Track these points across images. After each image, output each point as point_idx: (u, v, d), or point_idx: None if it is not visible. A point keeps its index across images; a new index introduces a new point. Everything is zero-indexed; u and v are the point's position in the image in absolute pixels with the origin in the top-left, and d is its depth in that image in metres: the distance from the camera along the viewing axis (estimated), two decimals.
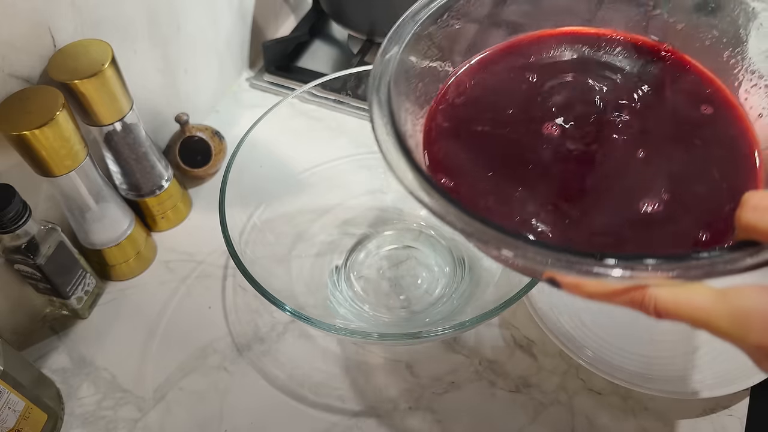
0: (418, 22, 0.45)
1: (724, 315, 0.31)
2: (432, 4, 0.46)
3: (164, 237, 0.71)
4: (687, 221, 0.38)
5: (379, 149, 0.38)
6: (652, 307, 0.32)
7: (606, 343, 0.60)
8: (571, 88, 0.46)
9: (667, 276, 0.30)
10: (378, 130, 0.39)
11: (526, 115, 0.44)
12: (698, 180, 0.40)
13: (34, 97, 0.53)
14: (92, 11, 0.59)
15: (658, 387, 0.54)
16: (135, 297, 0.66)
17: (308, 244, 0.68)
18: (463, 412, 0.58)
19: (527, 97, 0.46)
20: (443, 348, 0.62)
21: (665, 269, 0.30)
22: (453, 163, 0.43)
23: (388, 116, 0.40)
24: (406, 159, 0.37)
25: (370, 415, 0.58)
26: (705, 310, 0.31)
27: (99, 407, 0.59)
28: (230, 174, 0.58)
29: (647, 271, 0.30)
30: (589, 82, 0.46)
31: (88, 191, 0.60)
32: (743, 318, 0.30)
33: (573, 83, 0.46)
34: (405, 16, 0.45)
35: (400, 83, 0.43)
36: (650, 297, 0.32)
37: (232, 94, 0.86)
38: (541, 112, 0.44)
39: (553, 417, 0.57)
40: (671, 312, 0.32)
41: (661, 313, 0.32)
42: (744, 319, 0.30)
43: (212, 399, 0.59)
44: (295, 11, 0.97)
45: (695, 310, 0.31)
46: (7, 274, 0.59)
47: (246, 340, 0.63)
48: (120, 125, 0.61)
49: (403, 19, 0.45)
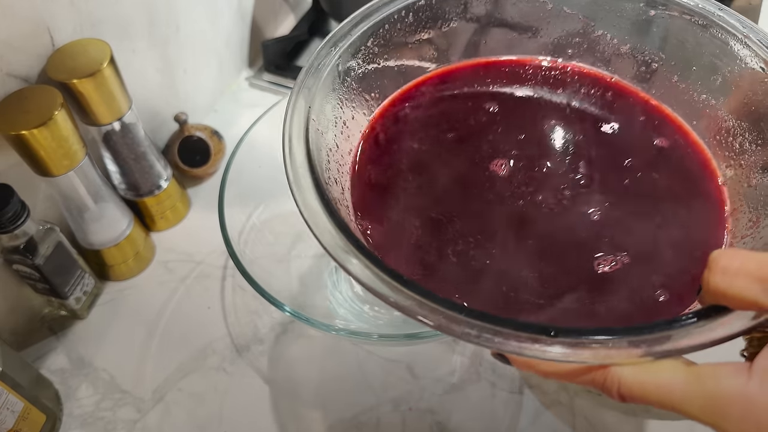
0: (336, 54, 0.41)
1: (696, 400, 0.27)
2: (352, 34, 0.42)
3: (163, 237, 0.71)
4: (649, 280, 0.34)
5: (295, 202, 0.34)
6: (615, 390, 0.28)
7: None
8: (521, 127, 0.42)
9: (630, 354, 0.27)
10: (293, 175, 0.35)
11: (469, 149, 0.41)
12: (660, 234, 0.37)
13: (33, 96, 0.53)
14: (91, 11, 0.59)
15: None
16: (134, 297, 0.66)
17: (307, 244, 0.67)
18: (463, 413, 0.57)
19: (472, 134, 0.42)
20: (443, 349, 0.61)
21: (627, 345, 0.27)
22: (385, 214, 0.38)
23: (306, 157, 0.36)
24: (329, 214, 0.33)
25: (370, 416, 0.57)
26: (675, 393, 0.28)
27: (98, 408, 0.59)
28: (229, 174, 0.58)
29: (607, 348, 0.27)
30: (544, 116, 0.42)
31: (86, 191, 0.59)
32: (719, 405, 0.27)
33: (524, 121, 0.42)
34: (320, 48, 0.42)
35: (321, 121, 0.38)
36: (613, 378, 0.28)
37: (231, 94, 0.86)
38: (488, 146, 0.40)
39: (554, 418, 0.57)
40: (637, 396, 0.28)
41: (626, 397, 0.29)
42: (720, 405, 0.27)
43: (211, 400, 0.59)
44: (294, 10, 0.96)
45: (664, 393, 0.28)
46: (6, 274, 0.59)
47: (245, 340, 0.63)
48: (119, 125, 0.61)
49: (319, 51, 0.42)
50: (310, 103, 0.38)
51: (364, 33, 0.42)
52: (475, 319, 0.27)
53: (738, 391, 0.26)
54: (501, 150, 0.40)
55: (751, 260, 0.26)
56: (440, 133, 0.42)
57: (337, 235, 0.32)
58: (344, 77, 0.42)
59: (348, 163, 0.41)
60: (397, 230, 0.37)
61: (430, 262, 0.36)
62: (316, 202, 0.33)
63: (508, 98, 0.44)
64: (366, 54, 0.43)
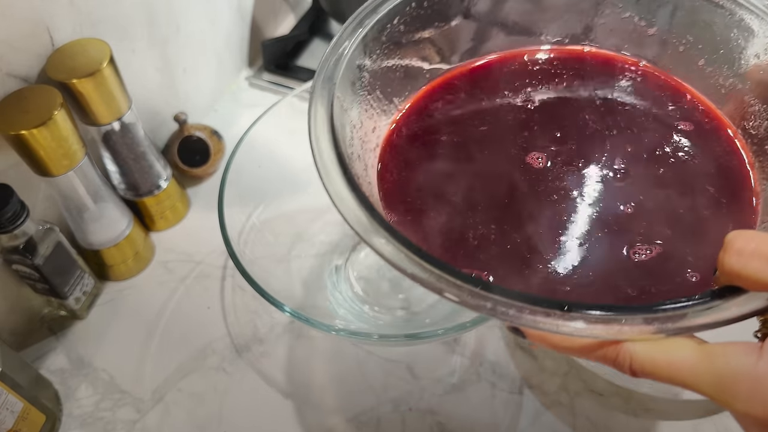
0: (358, 37, 0.41)
1: (707, 377, 0.28)
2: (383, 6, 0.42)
3: (163, 237, 0.71)
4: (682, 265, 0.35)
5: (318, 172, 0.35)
6: (627, 365, 0.29)
7: None
8: (559, 119, 0.42)
9: (642, 330, 0.27)
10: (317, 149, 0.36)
11: (507, 143, 0.41)
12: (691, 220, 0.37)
13: (32, 96, 0.53)
14: (90, 10, 0.59)
15: (660, 388, 0.54)
16: (133, 297, 0.66)
17: (307, 244, 0.67)
18: (463, 414, 0.57)
19: (506, 124, 0.42)
20: (444, 349, 0.61)
21: (640, 322, 0.27)
22: (410, 193, 0.39)
23: (330, 132, 0.37)
24: (351, 188, 0.33)
25: (370, 417, 0.57)
26: (686, 370, 0.28)
27: (97, 408, 0.59)
28: (229, 174, 0.58)
29: (620, 324, 0.27)
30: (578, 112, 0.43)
31: (86, 191, 0.59)
32: (728, 383, 0.27)
33: (562, 113, 0.43)
34: (345, 26, 0.42)
35: (345, 98, 0.39)
36: (625, 354, 0.29)
37: (231, 94, 0.86)
38: (524, 141, 0.40)
39: (555, 418, 0.57)
40: (648, 371, 0.29)
41: (637, 372, 0.29)
42: (729, 383, 0.27)
43: (211, 400, 0.59)
44: (294, 10, 0.96)
45: (675, 370, 0.28)
46: (5, 274, 0.59)
47: (245, 340, 0.62)
48: (118, 125, 0.60)
49: (343, 31, 0.41)
50: (336, 80, 0.39)
51: (390, 11, 0.42)
52: (491, 293, 0.28)
53: (747, 370, 0.27)
54: (533, 140, 0.41)
55: (766, 243, 0.27)
56: (471, 121, 0.43)
57: (359, 210, 0.32)
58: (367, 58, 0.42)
59: (372, 141, 0.41)
60: (422, 210, 0.38)
61: (455, 242, 0.37)
62: (339, 176, 0.34)
63: (543, 92, 0.44)
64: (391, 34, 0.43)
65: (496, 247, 0.36)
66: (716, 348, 0.28)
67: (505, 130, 0.42)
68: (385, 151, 0.41)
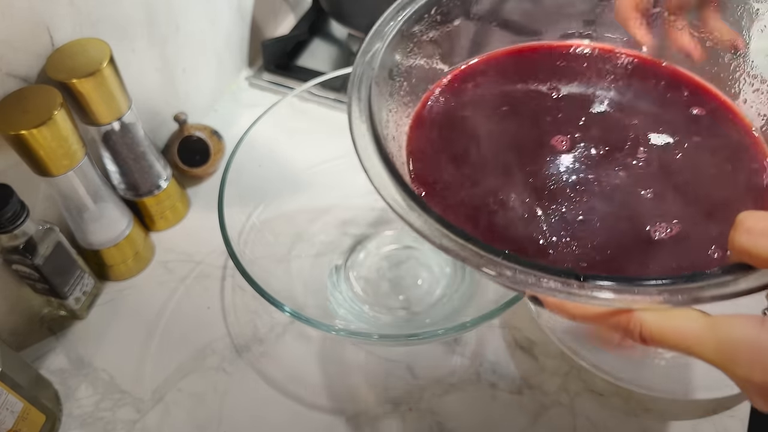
0: (401, 20, 0.43)
1: (710, 345, 0.30)
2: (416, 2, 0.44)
3: (162, 237, 0.71)
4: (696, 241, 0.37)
5: (356, 152, 0.38)
6: (637, 332, 0.31)
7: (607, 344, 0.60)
8: (582, 105, 0.45)
9: (653, 300, 0.29)
10: (356, 131, 0.39)
11: (531, 127, 0.43)
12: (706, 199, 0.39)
13: (32, 96, 0.53)
14: (90, 10, 0.59)
15: (660, 388, 0.54)
16: (133, 297, 0.66)
17: (308, 244, 0.67)
18: (463, 414, 0.57)
19: (533, 109, 0.44)
20: (444, 349, 0.61)
21: (651, 293, 0.29)
22: (439, 169, 0.42)
23: (368, 116, 0.39)
24: (386, 165, 0.36)
25: (370, 417, 0.57)
26: (691, 338, 0.30)
27: (97, 408, 0.59)
28: (229, 174, 0.58)
29: (633, 294, 0.29)
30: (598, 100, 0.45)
31: (86, 191, 0.59)
32: (730, 350, 0.29)
33: (585, 102, 0.45)
34: (388, 12, 0.44)
35: (382, 83, 0.42)
36: (636, 322, 0.31)
37: (231, 94, 0.86)
38: (549, 125, 0.43)
39: (555, 418, 0.57)
40: (656, 338, 0.31)
41: (647, 339, 0.31)
42: (731, 351, 0.29)
43: (211, 400, 0.59)
44: (294, 10, 0.96)
45: (682, 338, 0.31)
46: (5, 274, 0.59)
47: (245, 340, 0.63)
48: (118, 125, 0.61)
49: (386, 16, 0.44)
50: (374, 65, 0.41)
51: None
52: (512, 262, 0.31)
53: (750, 339, 0.29)
54: (557, 125, 0.43)
55: None
56: (496, 105, 0.45)
57: (393, 187, 0.35)
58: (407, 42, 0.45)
59: (404, 123, 0.44)
60: (448, 185, 0.41)
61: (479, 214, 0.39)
62: (375, 155, 0.37)
63: (566, 79, 0.46)
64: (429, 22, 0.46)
65: (520, 221, 0.38)
66: (722, 319, 0.30)
67: (531, 114, 0.44)
68: (415, 131, 0.44)
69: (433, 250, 0.65)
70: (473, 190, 0.40)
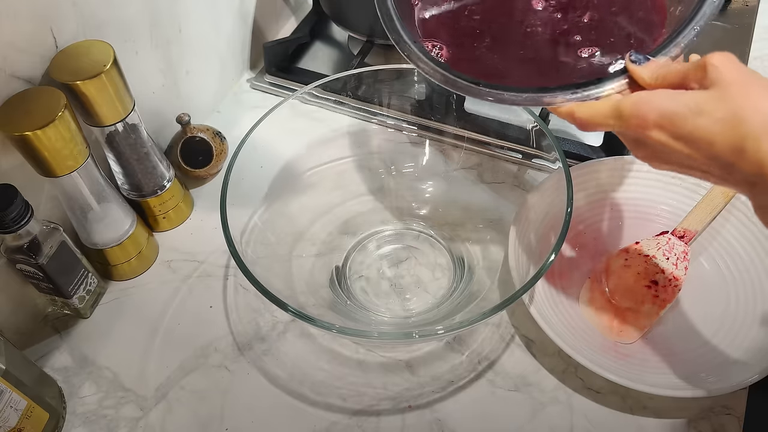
0: None
1: (606, 111, 0.44)
2: None
3: (166, 237, 0.72)
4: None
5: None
6: (571, 118, 0.47)
7: (605, 342, 0.60)
8: None
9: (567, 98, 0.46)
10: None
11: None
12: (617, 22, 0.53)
13: (36, 97, 0.54)
14: (94, 12, 0.60)
15: (657, 386, 0.54)
16: (137, 296, 0.67)
17: (309, 244, 0.68)
18: (463, 412, 0.58)
19: None
20: (443, 347, 0.62)
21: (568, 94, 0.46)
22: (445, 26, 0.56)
23: None
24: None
25: (370, 414, 0.58)
26: (598, 112, 0.45)
27: (100, 406, 0.59)
28: (231, 174, 0.58)
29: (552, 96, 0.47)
30: None
31: (89, 191, 0.60)
32: (610, 112, 0.44)
33: None
34: None
35: None
36: (569, 110, 0.46)
37: (233, 95, 0.87)
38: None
39: (552, 416, 0.57)
40: (581, 118, 0.46)
41: (576, 120, 0.46)
42: (611, 112, 0.44)
43: (213, 398, 0.59)
44: (295, 12, 0.97)
45: (594, 113, 0.45)
46: (10, 273, 0.59)
47: (247, 339, 0.63)
48: (122, 126, 0.61)
49: None
50: None
51: None
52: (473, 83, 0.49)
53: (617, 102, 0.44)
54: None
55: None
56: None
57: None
58: None
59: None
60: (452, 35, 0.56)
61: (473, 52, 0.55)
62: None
63: None
64: None
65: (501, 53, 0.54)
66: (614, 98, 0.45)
67: None
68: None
69: (433, 248, 0.66)
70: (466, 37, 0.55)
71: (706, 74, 0.40)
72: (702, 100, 0.40)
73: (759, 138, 0.38)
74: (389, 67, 0.68)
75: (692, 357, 0.58)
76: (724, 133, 0.39)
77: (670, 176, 0.67)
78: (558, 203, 0.57)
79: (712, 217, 0.64)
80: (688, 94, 0.40)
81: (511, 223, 0.62)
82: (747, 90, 0.39)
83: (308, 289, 0.63)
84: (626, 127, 0.43)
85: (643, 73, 0.44)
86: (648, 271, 0.64)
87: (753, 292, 0.61)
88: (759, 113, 0.38)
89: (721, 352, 0.58)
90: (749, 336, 0.58)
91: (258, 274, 0.53)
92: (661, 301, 0.62)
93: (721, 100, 0.39)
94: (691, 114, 0.40)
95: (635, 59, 0.45)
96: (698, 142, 0.40)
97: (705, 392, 0.53)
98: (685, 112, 0.40)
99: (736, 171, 0.40)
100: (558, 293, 0.63)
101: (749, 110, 0.38)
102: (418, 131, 0.76)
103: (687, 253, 0.63)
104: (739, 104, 0.38)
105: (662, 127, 0.41)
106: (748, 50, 0.85)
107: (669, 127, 0.41)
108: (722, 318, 0.61)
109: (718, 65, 0.40)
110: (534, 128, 0.64)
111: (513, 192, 0.67)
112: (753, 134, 0.38)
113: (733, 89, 0.39)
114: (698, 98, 0.40)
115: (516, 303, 0.52)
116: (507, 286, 0.60)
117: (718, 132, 0.39)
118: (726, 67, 0.40)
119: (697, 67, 0.41)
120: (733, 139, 0.39)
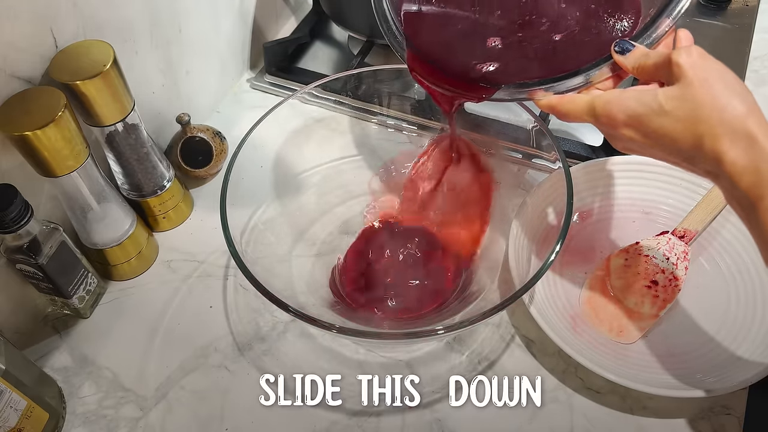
0: None
1: (583, 105, 0.47)
2: None
3: (166, 237, 0.72)
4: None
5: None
6: (551, 109, 0.50)
7: (605, 342, 0.60)
8: None
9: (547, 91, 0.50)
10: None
11: None
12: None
13: (36, 97, 0.54)
14: (94, 12, 0.60)
15: (657, 385, 0.54)
16: (136, 296, 0.67)
17: (308, 243, 0.68)
18: (462, 412, 0.58)
19: None
20: (443, 347, 0.62)
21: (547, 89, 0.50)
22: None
23: None
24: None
25: (370, 414, 0.58)
26: (576, 105, 0.48)
27: (100, 406, 0.59)
28: (231, 174, 0.58)
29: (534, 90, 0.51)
30: None
31: (89, 191, 0.60)
32: (587, 106, 0.47)
33: None
34: None
35: None
36: (549, 103, 0.50)
37: (233, 95, 0.87)
38: None
39: (552, 416, 0.57)
40: (560, 110, 0.49)
41: (557, 113, 0.49)
42: (588, 106, 0.47)
43: (213, 398, 0.59)
44: (295, 12, 0.97)
45: (573, 106, 0.48)
46: (9, 273, 0.59)
47: (247, 339, 0.63)
48: (122, 126, 0.61)
49: None
50: None
51: None
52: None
53: (592, 98, 0.47)
54: None
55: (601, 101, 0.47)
56: None
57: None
58: None
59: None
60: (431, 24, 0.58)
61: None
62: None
63: None
64: None
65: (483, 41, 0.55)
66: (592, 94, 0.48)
67: None
68: None
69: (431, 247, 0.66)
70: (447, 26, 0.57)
71: (671, 71, 0.43)
72: (664, 100, 0.43)
73: (715, 136, 0.41)
74: (389, 67, 0.68)
75: (692, 357, 0.58)
76: (685, 131, 0.42)
77: (670, 176, 0.67)
78: (558, 203, 0.57)
79: (713, 217, 0.64)
80: (653, 95, 0.43)
81: (511, 223, 0.62)
82: (706, 89, 0.41)
83: (308, 289, 0.63)
84: (599, 125, 0.48)
85: (626, 62, 0.47)
86: (648, 271, 0.64)
87: (753, 292, 0.61)
88: (716, 112, 0.41)
89: (720, 352, 0.58)
90: (749, 336, 0.58)
91: (258, 274, 0.53)
92: (662, 301, 0.62)
93: (681, 100, 0.42)
94: (655, 115, 0.43)
95: (620, 49, 0.47)
96: (662, 139, 0.44)
97: (705, 392, 0.53)
98: (649, 113, 0.43)
99: (698, 164, 0.44)
100: (558, 293, 0.63)
101: (707, 109, 0.41)
102: (418, 131, 0.76)
103: (687, 253, 0.63)
104: (699, 103, 0.41)
105: (630, 126, 0.45)
106: (748, 50, 0.85)
107: (637, 126, 0.44)
108: (722, 318, 0.61)
109: (682, 64, 0.42)
110: (534, 128, 0.64)
111: (513, 192, 0.67)
112: (710, 133, 0.41)
113: (693, 89, 0.42)
114: (661, 98, 0.43)
115: (516, 303, 0.52)
116: (507, 286, 0.60)
117: (679, 131, 0.42)
118: (689, 65, 0.42)
119: (663, 64, 0.44)
120: (692, 138, 0.42)
